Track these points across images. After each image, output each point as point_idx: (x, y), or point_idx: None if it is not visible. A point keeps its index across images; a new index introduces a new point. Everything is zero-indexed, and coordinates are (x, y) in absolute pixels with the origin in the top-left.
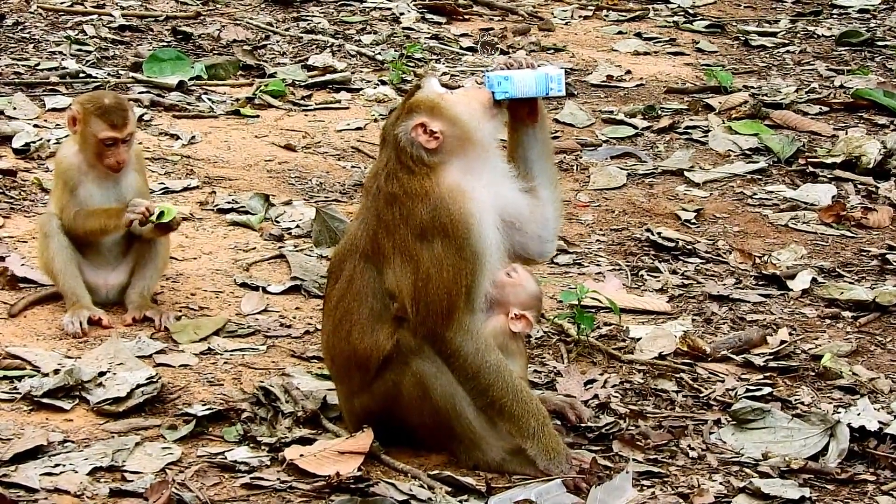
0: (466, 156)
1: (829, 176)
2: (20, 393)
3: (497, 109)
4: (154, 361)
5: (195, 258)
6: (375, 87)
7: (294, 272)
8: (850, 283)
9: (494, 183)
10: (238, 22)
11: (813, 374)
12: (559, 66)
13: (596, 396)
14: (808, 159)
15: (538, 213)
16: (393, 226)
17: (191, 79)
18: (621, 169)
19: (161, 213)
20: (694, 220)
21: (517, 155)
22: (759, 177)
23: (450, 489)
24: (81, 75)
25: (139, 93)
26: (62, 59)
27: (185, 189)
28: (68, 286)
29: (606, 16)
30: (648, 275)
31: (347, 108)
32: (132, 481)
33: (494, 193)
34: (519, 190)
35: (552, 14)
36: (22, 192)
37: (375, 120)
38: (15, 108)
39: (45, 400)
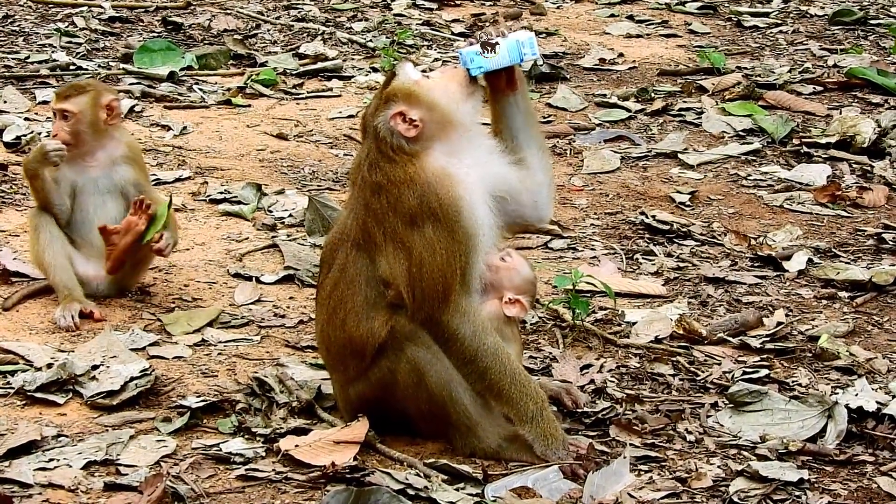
0: (449, 138)
1: (823, 156)
2: (13, 388)
3: (475, 86)
4: (147, 354)
5: (188, 249)
6: (367, 75)
7: (287, 261)
8: (847, 263)
9: (481, 161)
10: (228, 11)
11: (810, 355)
12: (529, 30)
13: (592, 381)
14: (803, 139)
15: (529, 182)
16: (382, 215)
17: (182, 69)
18: (615, 152)
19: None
20: (688, 203)
21: (502, 126)
22: (754, 158)
23: (446, 477)
24: (72, 67)
25: (130, 84)
26: (52, 52)
27: (177, 180)
28: (59, 279)
29: None
30: (643, 258)
31: (339, 95)
32: (127, 475)
33: (482, 172)
34: (507, 163)
35: None
36: (13, 186)
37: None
38: (5, 102)
39: (38, 394)
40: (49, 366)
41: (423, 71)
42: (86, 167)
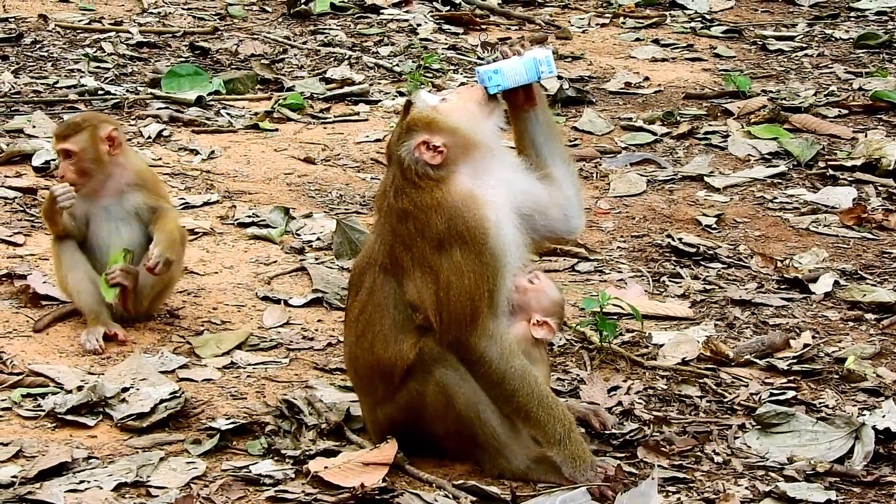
0: (473, 160)
1: (849, 178)
2: (44, 410)
3: (494, 104)
4: (177, 376)
5: (216, 272)
6: (394, 99)
7: (315, 284)
8: (873, 285)
9: (506, 179)
10: (255, 36)
11: (837, 376)
12: (547, 48)
13: (620, 403)
14: (828, 162)
15: (557, 195)
16: (409, 240)
17: (209, 94)
18: (641, 175)
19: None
20: (715, 226)
21: (525, 142)
22: (780, 181)
23: (475, 498)
24: (100, 92)
25: (158, 108)
26: (80, 77)
27: (206, 204)
28: (83, 302)
29: (623, 23)
30: (670, 280)
31: (366, 119)
32: (157, 496)
33: (508, 190)
34: (534, 178)
35: (569, 22)
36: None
37: None
38: (34, 127)
39: (68, 416)
40: (79, 388)
41: (441, 95)
42: (96, 197)
